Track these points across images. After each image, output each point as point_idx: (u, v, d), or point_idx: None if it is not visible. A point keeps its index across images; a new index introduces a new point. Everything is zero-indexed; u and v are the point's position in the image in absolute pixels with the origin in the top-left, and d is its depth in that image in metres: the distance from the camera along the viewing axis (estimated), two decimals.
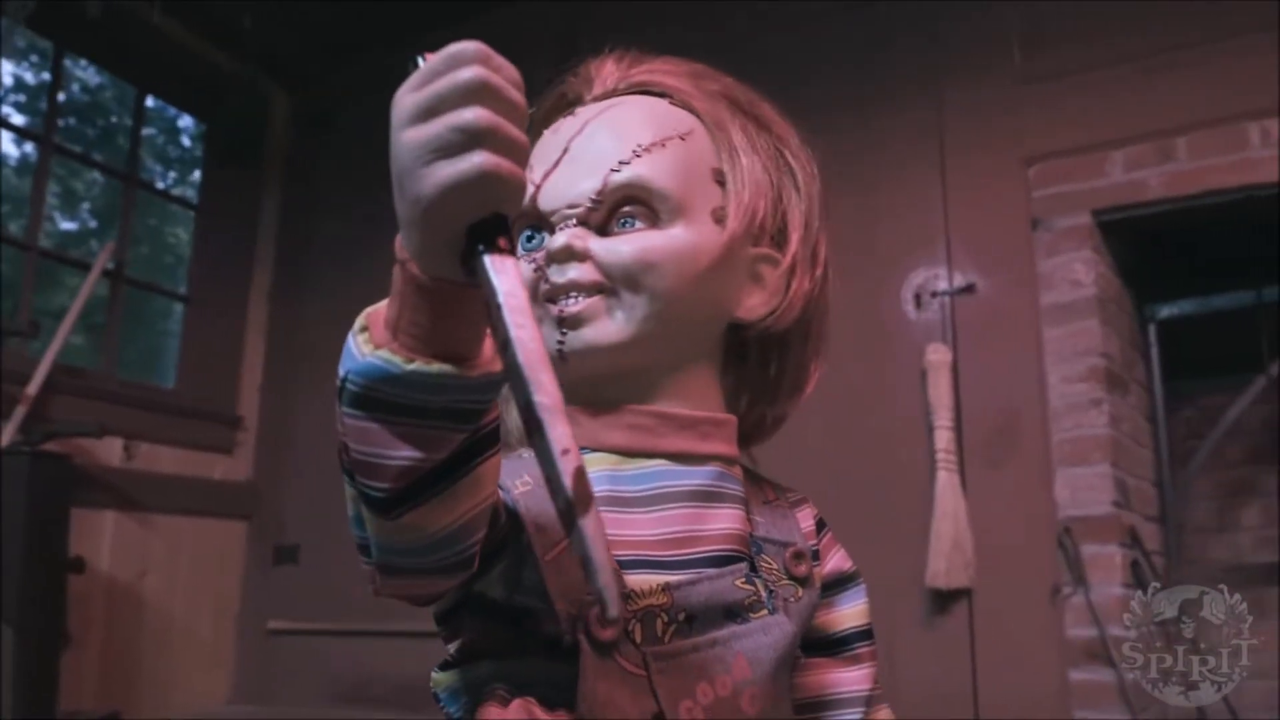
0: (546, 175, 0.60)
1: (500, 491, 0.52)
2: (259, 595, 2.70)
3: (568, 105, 0.65)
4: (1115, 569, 1.86)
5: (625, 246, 0.57)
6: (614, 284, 0.57)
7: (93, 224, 3.81)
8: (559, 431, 0.36)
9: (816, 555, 0.64)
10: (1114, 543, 1.86)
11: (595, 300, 0.57)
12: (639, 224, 0.58)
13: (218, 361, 2.76)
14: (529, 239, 0.60)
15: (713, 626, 0.55)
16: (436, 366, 0.41)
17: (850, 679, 0.63)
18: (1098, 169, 1.94)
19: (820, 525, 0.67)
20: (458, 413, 0.43)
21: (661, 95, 0.63)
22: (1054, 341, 1.93)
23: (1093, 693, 1.82)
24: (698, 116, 0.62)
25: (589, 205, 0.58)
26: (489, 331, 0.41)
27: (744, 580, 0.58)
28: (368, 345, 0.41)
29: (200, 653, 2.60)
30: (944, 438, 1.92)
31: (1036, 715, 1.83)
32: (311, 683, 2.57)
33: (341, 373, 0.42)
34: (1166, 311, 2.16)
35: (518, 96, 0.40)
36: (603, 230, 0.58)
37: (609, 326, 0.57)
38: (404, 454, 0.42)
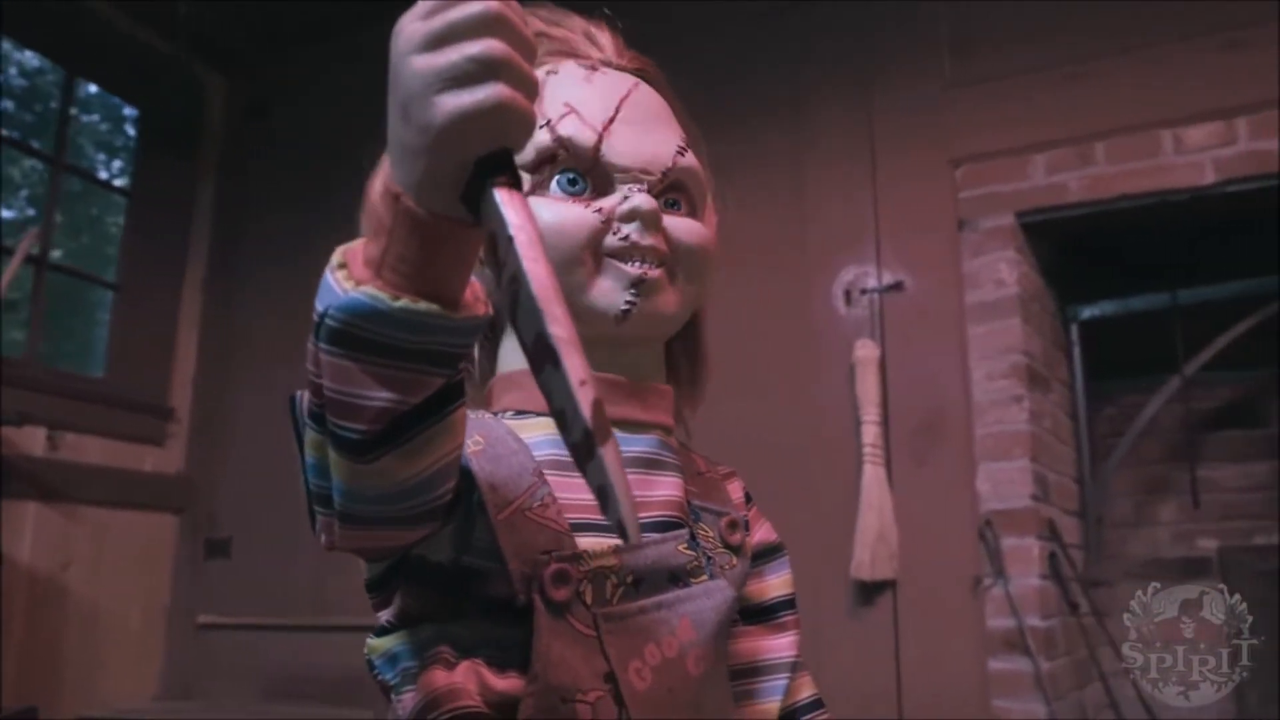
0: (606, 127, 0.59)
1: None
2: (189, 589, 2.65)
3: (569, 55, 0.63)
4: (1033, 561, 1.91)
5: (689, 229, 0.61)
6: (673, 261, 0.59)
7: (30, 212, 3.71)
8: (575, 363, 0.35)
9: (747, 525, 0.66)
10: (1032, 535, 1.91)
11: (661, 271, 0.59)
12: (683, 209, 0.61)
13: (149, 351, 2.70)
14: (571, 182, 0.59)
15: (658, 590, 0.56)
16: (424, 305, 0.40)
17: (778, 646, 0.66)
18: (1021, 172, 1.99)
19: (748, 498, 0.69)
20: (439, 355, 0.42)
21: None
22: (978, 339, 1.98)
23: (1011, 682, 1.87)
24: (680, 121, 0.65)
25: (659, 177, 0.60)
26: (495, 267, 0.39)
27: (686, 546, 0.59)
28: (348, 281, 0.40)
29: (127, 648, 2.55)
30: (871, 432, 1.96)
31: (957, 704, 1.88)
32: (242, 678, 2.53)
33: (320, 308, 0.41)
34: (1088, 312, 2.23)
35: (529, 32, 0.40)
36: None
37: (670, 299, 0.59)
38: (382, 395, 0.42)
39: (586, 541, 0.54)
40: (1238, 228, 2.14)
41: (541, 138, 0.58)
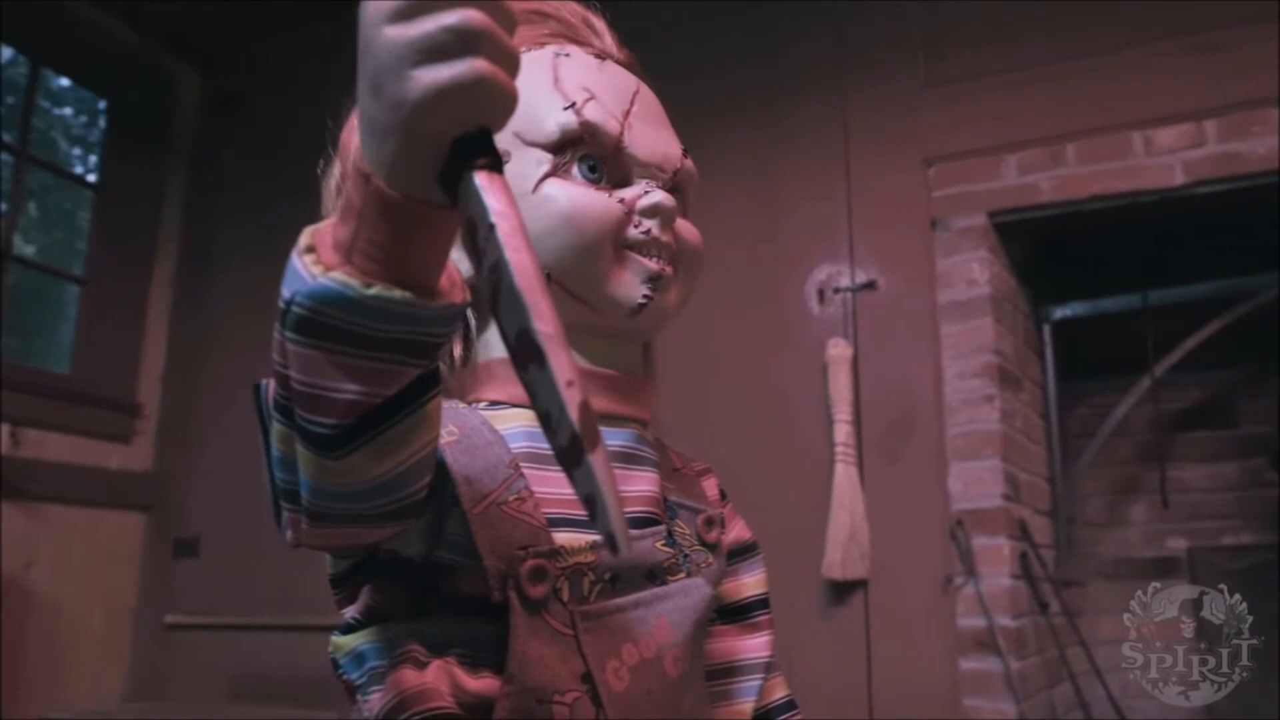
0: (627, 116, 0.59)
1: None
2: (156, 589, 2.62)
3: (573, 41, 0.62)
4: (1004, 561, 1.91)
5: (690, 229, 0.61)
6: (679, 259, 0.60)
7: (3, 206, 3.65)
8: (561, 361, 0.33)
9: (723, 523, 0.65)
10: (1003, 535, 1.92)
11: (671, 269, 0.59)
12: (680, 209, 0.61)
13: (116, 347, 2.66)
14: (592, 169, 0.58)
15: (636, 588, 0.55)
16: (399, 293, 0.38)
17: (752, 646, 0.65)
18: (993, 171, 1.99)
19: (723, 495, 0.68)
20: (414, 345, 0.40)
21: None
22: (951, 338, 1.98)
23: (981, 681, 1.87)
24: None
25: (670, 176, 0.61)
26: (474, 254, 0.36)
27: (664, 543, 0.58)
28: (317, 266, 0.38)
29: (92, 649, 2.51)
30: (843, 431, 1.95)
31: (928, 703, 1.88)
32: (210, 679, 2.50)
33: (286, 294, 0.38)
34: (1061, 313, 2.24)
35: (510, 4, 0.37)
36: None
37: (674, 297, 0.60)
38: (353, 387, 0.39)
39: (563, 537, 0.53)
40: (1207, 229, 2.16)
41: (568, 119, 0.57)
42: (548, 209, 0.56)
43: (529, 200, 0.56)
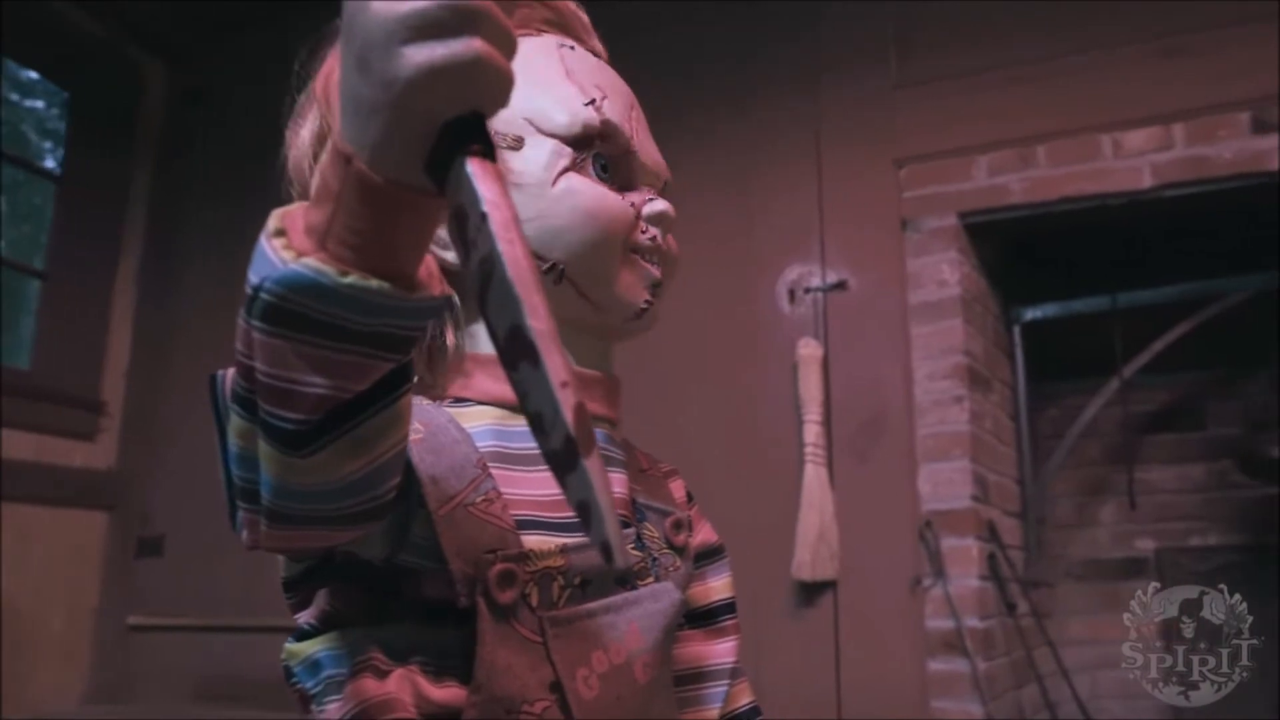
0: (632, 126, 0.59)
1: None
2: (119, 589, 2.58)
3: (570, 35, 0.61)
4: (972, 562, 1.91)
5: (674, 240, 0.62)
6: (666, 267, 0.61)
7: None
8: (556, 361, 0.31)
9: (690, 526, 0.64)
10: (972, 536, 1.92)
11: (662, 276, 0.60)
12: None
13: (79, 343, 2.62)
14: (604, 169, 0.58)
15: (605, 592, 0.53)
16: (376, 283, 0.36)
17: (718, 651, 0.64)
18: (964, 172, 1.99)
19: (690, 497, 0.67)
20: (389, 339, 0.38)
21: None
22: (921, 339, 1.98)
23: (949, 682, 1.87)
24: None
25: (663, 185, 0.62)
26: (462, 246, 0.35)
27: (633, 546, 0.57)
28: (288, 251, 0.36)
29: (53, 650, 2.47)
30: (813, 431, 1.95)
31: (896, 704, 1.87)
32: (174, 680, 2.47)
33: (254, 280, 0.36)
34: (1031, 314, 2.24)
35: None
36: None
37: (660, 303, 0.61)
38: (323, 381, 0.37)
39: (532, 540, 0.51)
40: (1176, 232, 2.17)
41: (590, 115, 0.56)
42: (570, 203, 0.55)
43: (548, 192, 0.55)
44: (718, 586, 0.66)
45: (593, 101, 0.57)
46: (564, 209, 0.55)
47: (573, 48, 0.60)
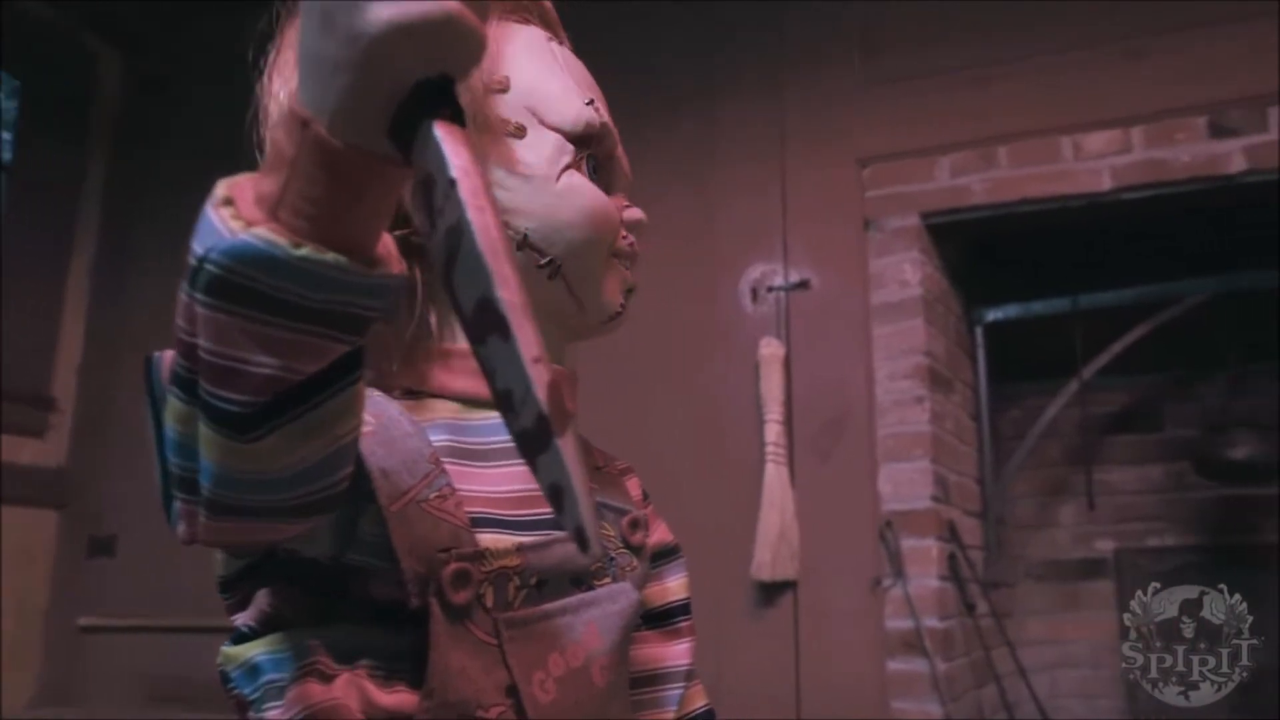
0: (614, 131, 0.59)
1: None
2: (70, 590, 2.53)
3: (529, 16, 0.59)
4: (932, 562, 1.91)
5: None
6: (635, 272, 0.61)
7: None
8: (527, 334, 0.30)
9: (647, 525, 0.62)
10: (932, 536, 1.92)
11: None
12: None
13: (29, 338, 2.56)
14: (595, 171, 0.57)
15: (562, 593, 0.52)
16: (332, 256, 0.34)
17: (674, 653, 0.62)
18: (926, 173, 1.99)
19: (645, 495, 0.65)
20: (343, 318, 0.36)
21: None
22: (882, 339, 1.98)
23: (908, 682, 1.87)
24: None
25: (628, 190, 0.62)
26: (427, 216, 0.33)
27: None
28: (236, 221, 0.33)
29: (3, 652, 2.41)
30: (774, 431, 1.94)
31: (855, 705, 1.87)
32: (126, 683, 2.42)
33: (199, 251, 0.34)
34: (993, 315, 2.25)
35: None
36: None
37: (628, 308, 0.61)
38: (270, 361, 0.35)
39: (487, 538, 0.49)
40: (1136, 234, 2.18)
41: (592, 115, 0.56)
42: (573, 201, 0.54)
43: (552, 187, 0.54)
44: (674, 587, 0.65)
45: (591, 101, 0.56)
46: (567, 206, 0.54)
47: (562, 42, 0.59)
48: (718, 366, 2.05)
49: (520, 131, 0.54)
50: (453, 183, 0.31)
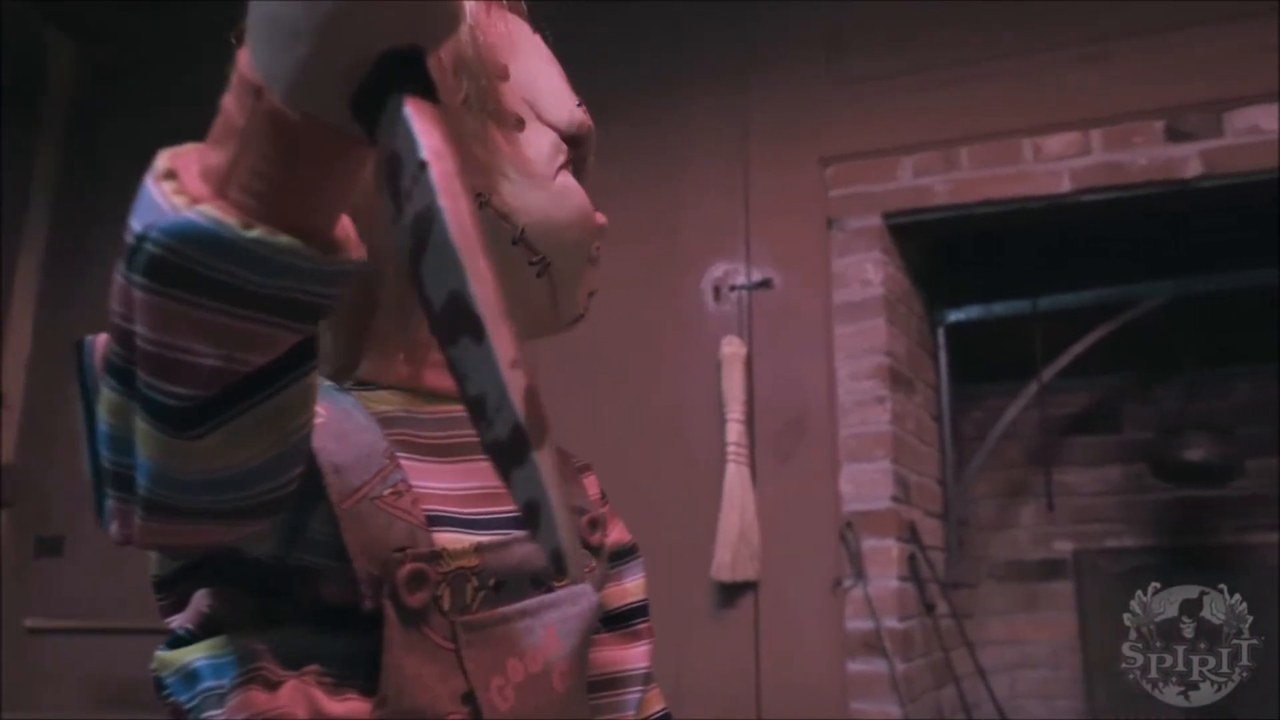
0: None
1: None
2: (16, 591, 2.47)
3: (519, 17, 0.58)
4: (892, 563, 1.91)
5: None
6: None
7: None
8: (504, 336, 0.27)
9: (605, 524, 0.60)
10: (892, 537, 1.92)
11: None
12: None
13: None
14: (574, 173, 0.56)
15: (521, 595, 0.50)
16: (286, 239, 0.31)
17: (632, 656, 0.60)
18: (889, 173, 1.99)
19: (603, 495, 0.64)
20: (296, 306, 0.33)
21: None
22: (844, 339, 1.98)
23: (868, 683, 1.87)
24: None
25: None
26: (392, 199, 0.30)
27: None
28: (179, 196, 0.31)
29: None
30: (735, 430, 1.93)
31: (815, 705, 1.87)
32: (75, 685, 2.37)
33: (137, 229, 0.31)
34: (955, 316, 2.26)
35: None
36: None
37: None
38: (216, 351, 0.32)
39: (444, 537, 0.47)
40: (1094, 237, 2.20)
41: (582, 118, 0.55)
42: (570, 201, 0.54)
43: (548, 185, 0.53)
44: (632, 588, 0.63)
45: (581, 103, 0.56)
46: (564, 207, 0.54)
47: (546, 37, 0.58)
48: (679, 365, 2.04)
49: (520, 125, 0.53)
50: (423, 165, 0.28)
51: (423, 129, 0.29)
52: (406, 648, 0.44)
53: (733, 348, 1.97)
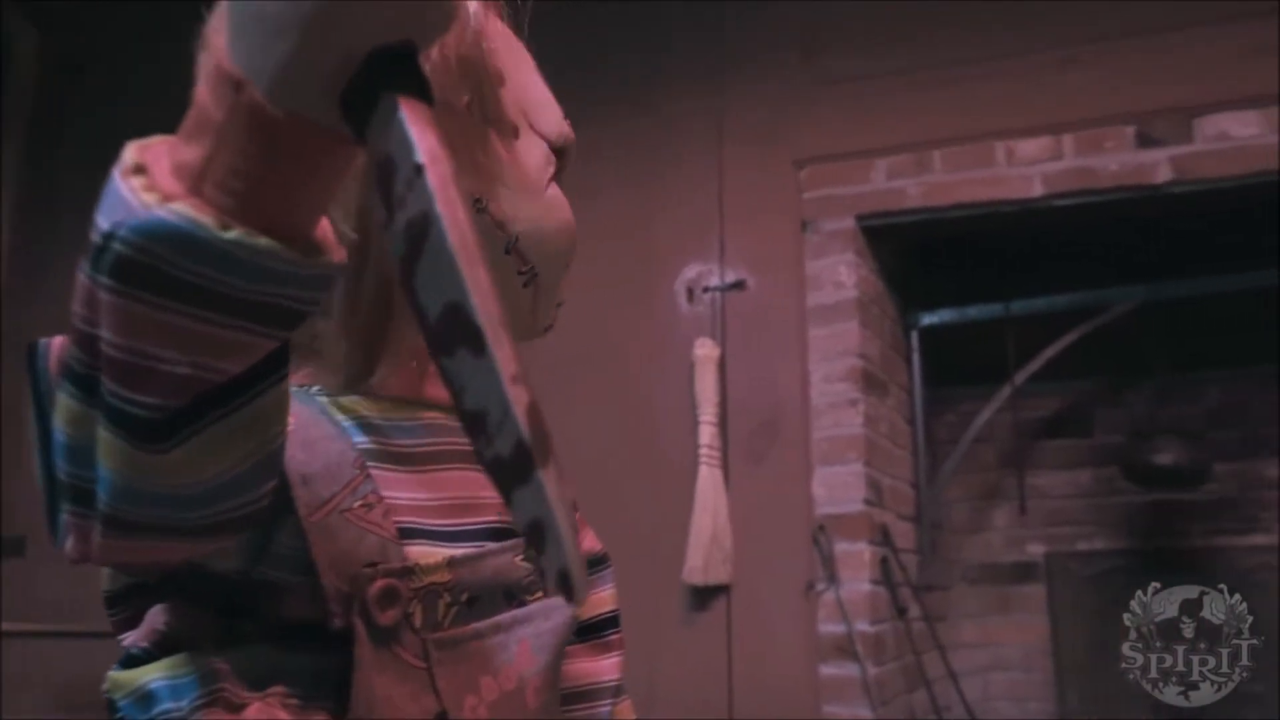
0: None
1: None
2: None
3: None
4: (864, 566, 1.91)
5: None
6: None
7: None
8: (505, 350, 0.26)
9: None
10: (864, 540, 1.92)
11: None
12: None
13: None
14: (557, 183, 0.55)
15: (494, 610, 0.48)
16: (265, 241, 0.30)
17: (603, 668, 0.59)
18: (863, 175, 1.99)
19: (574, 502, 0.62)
20: (276, 311, 0.32)
21: None
22: (817, 341, 1.97)
23: (841, 687, 1.86)
24: None
25: None
26: (384, 204, 0.29)
27: (522, 557, 0.50)
28: (150, 194, 0.29)
29: None
30: (708, 433, 1.92)
31: (787, 709, 1.86)
32: (35, 690, 2.33)
33: (105, 226, 0.29)
34: (929, 319, 2.26)
35: None
36: None
37: None
38: (189, 359, 0.31)
39: (416, 551, 0.45)
40: (1067, 241, 2.21)
41: (568, 130, 0.55)
42: (560, 213, 0.54)
43: (541, 195, 0.53)
44: (604, 598, 0.61)
45: (566, 116, 0.55)
46: (554, 218, 0.53)
47: (523, 51, 0.57)
48: (652, 367, 2.03)
49: (515, 134, 0.52)
50: (419, 169, 0.27)
51: (418, 131, 0.28)
52: (377, 667, 0.42)
53: (706, 349, 1.96)
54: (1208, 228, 2.09)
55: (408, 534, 0.45)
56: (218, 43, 0.30)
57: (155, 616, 0.44)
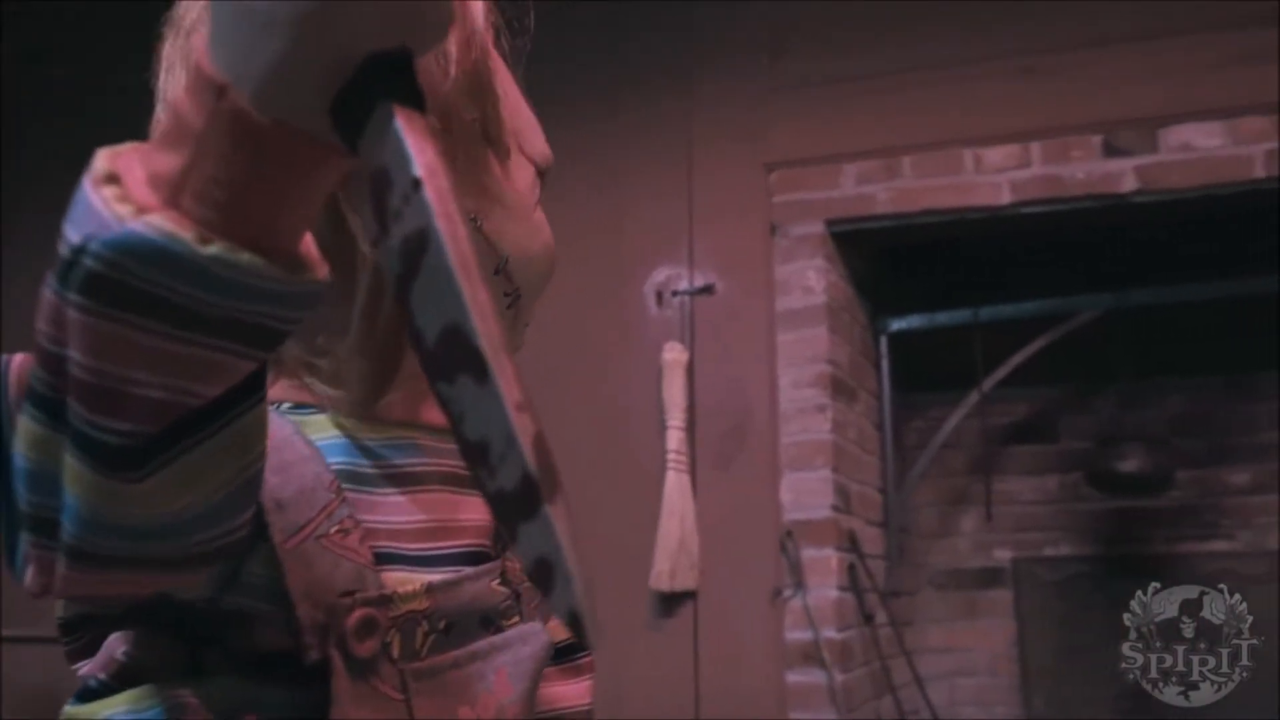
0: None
1: None
2: None
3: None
4: (831, 572, 1.90)
5: None
6: None
7: None
8: (509, 376, 0.25)
9: None
10: (831, 546, 1.91)
11: None
12: None
13: None
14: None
15: (471, 637, 0.46)
16: (248, 257, 0.28)
17: (575, 693, 0.57)
18: (832, 180, 1.99)
19: None
20: (257, 331, 0.30)
21: None
22: (786, 346, 1.97)
23: (807, 694, 1.86)
24: None
25: None
26: (377, 218, 0.28)
27: (499, 582, 0.49)
28: (124, 205, 0.28)
29: None
30: (675, 438, 1.91)
31: (754, 716, 1.85)
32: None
33: (74, 240, 0.27)
34: (897, 325, 2.27)
35: None
36: None
37: None
38: (165, 381, 0.29)
39: (393, 577, 0.43)
40: (1035, 248, 2.23)
41: (549, 153, 0.54)
42: (544, 236, 0.53)
43: (529, 217, 0.52)
44: None
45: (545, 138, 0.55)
46: (539, 241, 0.52)
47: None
48: (620, 371, 2.02)
49: (508, 153, 0.51)
50: (416, 183, 0.26)
51: (415, 143, 0.26)
52: (355, 701, 0.40)
53: (674, 354, 1.95)
54: (1172, 237, 2.11)
55: (384, 559, 0.44)
56: (198, 43, 0.29)
57: (114, 645, 0.42)
